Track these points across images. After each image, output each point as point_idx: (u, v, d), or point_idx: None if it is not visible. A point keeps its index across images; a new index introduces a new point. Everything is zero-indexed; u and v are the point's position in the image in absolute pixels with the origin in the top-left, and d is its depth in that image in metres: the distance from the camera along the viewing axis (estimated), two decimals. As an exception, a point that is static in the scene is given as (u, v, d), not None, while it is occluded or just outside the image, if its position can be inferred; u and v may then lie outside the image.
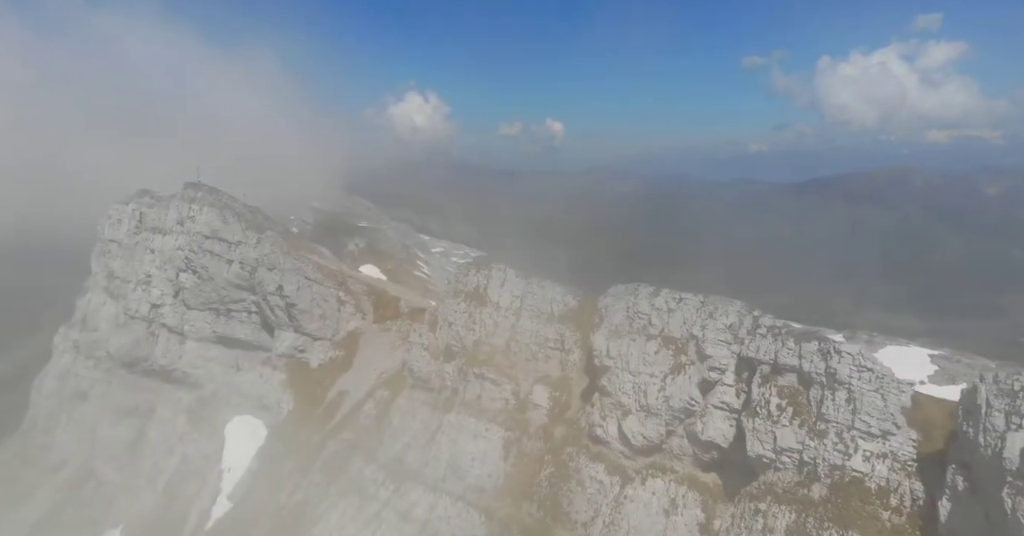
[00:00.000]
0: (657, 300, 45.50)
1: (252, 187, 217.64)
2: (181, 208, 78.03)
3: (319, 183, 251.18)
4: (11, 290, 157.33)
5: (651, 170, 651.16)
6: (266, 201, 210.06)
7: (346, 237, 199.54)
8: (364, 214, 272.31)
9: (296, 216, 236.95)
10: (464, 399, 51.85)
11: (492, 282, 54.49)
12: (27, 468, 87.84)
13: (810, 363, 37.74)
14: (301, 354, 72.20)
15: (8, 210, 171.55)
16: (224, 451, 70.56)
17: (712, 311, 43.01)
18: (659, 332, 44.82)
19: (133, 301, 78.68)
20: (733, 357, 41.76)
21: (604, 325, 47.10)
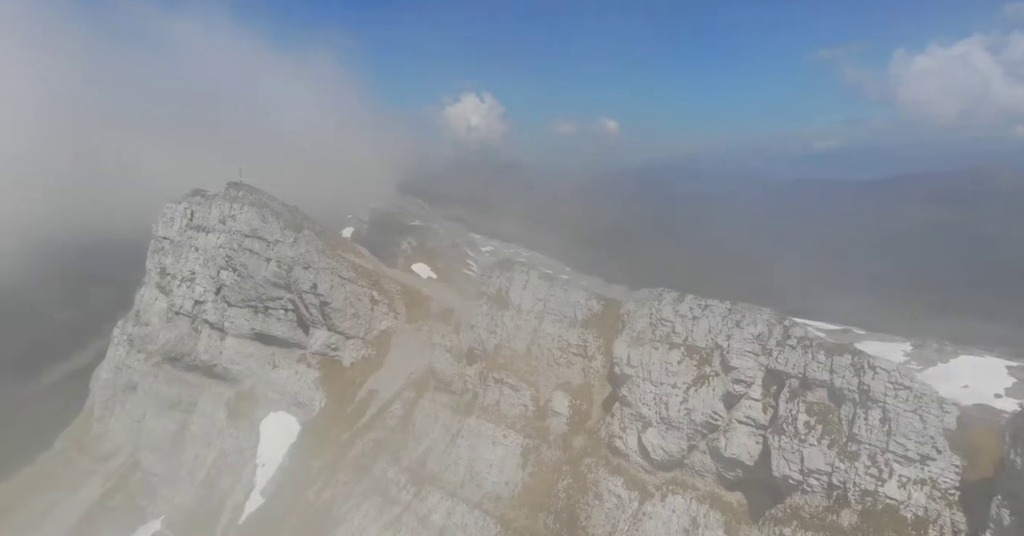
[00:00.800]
0: (681, 306, 43.04)
1: (313, 187, 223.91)
2: (223, 207, 79.83)
3: (377, 183, 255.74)
4: (95, 282, 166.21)
5: (712, 168, 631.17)
6: (326, 201, 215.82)
7: (399, 236, 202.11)
8: (418, 213, 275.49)
9: (354, 215, 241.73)
10: (483, 404, 50.60)
11: (514, 284, 53.03)
12: (82, 456, 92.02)
13: (842, 378, 34.73)
14: (334, 352, 72.58)
15: (88, 205, 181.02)
16: (259, 446, 71.65)
17: (739, 319, 40.28)
18: (683, 341, 42.37)
19: (178, 297, 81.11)
20: (760, 369, 38.96)
21: (626, 332, 44.97)
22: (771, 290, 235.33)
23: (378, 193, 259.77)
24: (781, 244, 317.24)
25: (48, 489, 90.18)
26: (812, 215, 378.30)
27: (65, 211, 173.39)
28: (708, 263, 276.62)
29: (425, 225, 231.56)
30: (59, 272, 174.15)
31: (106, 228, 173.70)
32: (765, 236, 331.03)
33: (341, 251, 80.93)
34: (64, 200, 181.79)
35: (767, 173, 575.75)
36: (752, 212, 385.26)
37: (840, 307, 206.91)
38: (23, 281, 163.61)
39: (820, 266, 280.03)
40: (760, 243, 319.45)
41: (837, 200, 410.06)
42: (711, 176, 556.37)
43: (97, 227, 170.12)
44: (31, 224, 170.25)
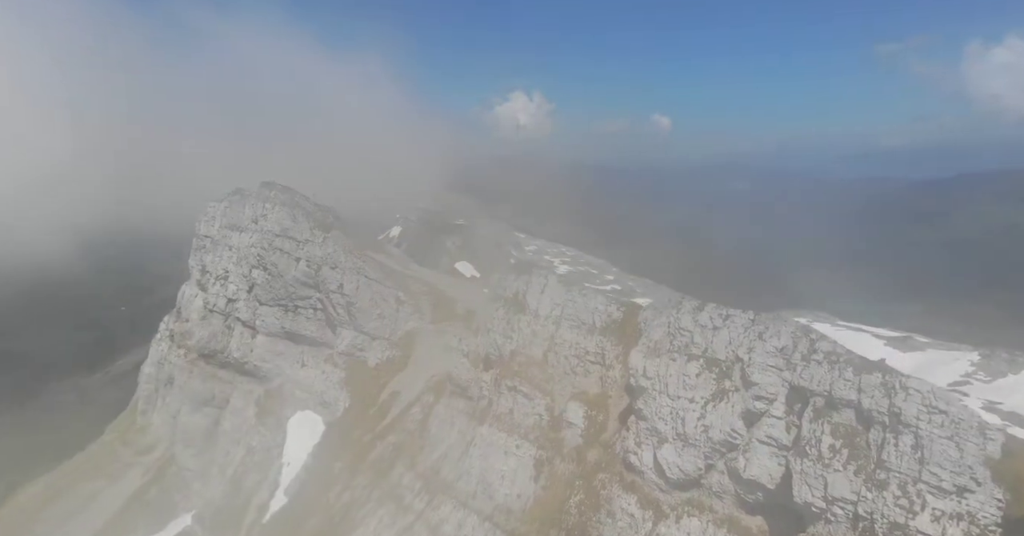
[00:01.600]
0: (701, 316, 40.47)
1: (363, 187, 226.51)
2: (256, 207, 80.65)
3: (425, 183, 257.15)
4: (158, 276, 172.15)
5: (770, 166, 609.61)
6: (376, 200, 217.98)
7: (444, 235, 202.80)
8: (463, 212, 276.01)
9: (402, 214, 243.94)
10: (496, 412, 49.08)
11: (532, 288, 51.26)
12: (125, 447, 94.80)
13: (871, 399, 31.71)
14: (360, 353, 72.34)
15: (143, 203, 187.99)
16: (285, 445, 72.06)
17: (762, 331, 37.50)
18: (702, 352, 39.82)
19: (212, 295, 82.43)
20: (783, 385, 36.12)
21: (642, 341, 42.67)
22: (827, 292, 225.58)
23: (426, 192, 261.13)
24: (840, 245, 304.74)
25: (93, 478, 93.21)
26: (874, 214, 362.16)
27: (121, 209, 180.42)
28: (760, 264, 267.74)
29: (469, 224, 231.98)
30: (120, 268, 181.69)
31: (162, 225, 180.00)
32: (823, 236, 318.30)
33: (371, 251, 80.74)
34: (119, 198, 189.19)
35: (828, 171, 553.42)
36: (810, 212, 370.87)
37: (902, 312, 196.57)
38: (83, 275, 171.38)
39: (882, 268, 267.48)
40: (817, 244, 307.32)
41: (902, 199, 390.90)
42: (767, 174, 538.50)
43: (153, 224, 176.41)
44: (87, 221, 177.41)
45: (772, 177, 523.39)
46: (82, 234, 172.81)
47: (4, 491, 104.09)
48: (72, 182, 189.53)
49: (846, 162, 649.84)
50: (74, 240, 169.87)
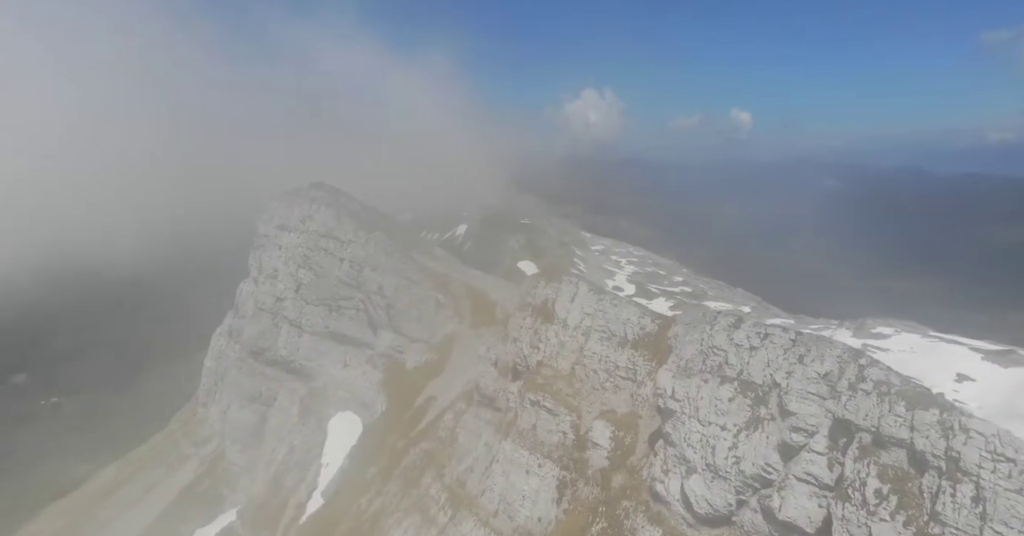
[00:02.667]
0: (737, 334, 36.42)
1: (431, 186, 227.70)
2: (304, 207, 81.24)
3: (491, 181, 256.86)
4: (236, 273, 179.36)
5: (862, 162, 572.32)
6: (443, 199, 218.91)
7: (507, 233, 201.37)
8: (529, 211, 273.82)
9: (468, 213, 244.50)
10: (520, 427, 46.44)
11: (561, 296, 48.25)
12: (184, 439, 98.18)
13: (925, 439, 27.14)
14: (399, 355, 71.43)
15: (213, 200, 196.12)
16: (326, 445, 72.09)
17: (803, 354, 33.20)
18: (736, 374, 35.82)
19: (261, 293, 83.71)
20: (826, 417, 31.77)
21: (672, 359, 38.99)
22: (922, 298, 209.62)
23: (492, 191, 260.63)
24: (940, 247, 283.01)
25: (153, 466, 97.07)
26: (978, 214, 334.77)
27: (194, 207, 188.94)
28: (847, 267, 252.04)
29: (534, 223, 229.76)
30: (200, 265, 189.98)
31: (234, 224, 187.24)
32: (920, 237, 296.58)
33: (415, 252, 79.72)
34: (193, 197, 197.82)
35: (927, 169, 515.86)
36: (906, 211, 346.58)
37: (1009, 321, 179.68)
38: (164, 271, 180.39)
39: (985, 273, 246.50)
40: (913, 245, 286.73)
41: (1009, 197, 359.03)
42: (859, 171, 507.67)
43: (229, 222, 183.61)
44: (162, 218, 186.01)
45: (864, 174, 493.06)
46: (159, 231, 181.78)
47: (85, 474, 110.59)
48: (149, 181, 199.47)
49: (947, 158, 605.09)
50: (153, 238, 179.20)
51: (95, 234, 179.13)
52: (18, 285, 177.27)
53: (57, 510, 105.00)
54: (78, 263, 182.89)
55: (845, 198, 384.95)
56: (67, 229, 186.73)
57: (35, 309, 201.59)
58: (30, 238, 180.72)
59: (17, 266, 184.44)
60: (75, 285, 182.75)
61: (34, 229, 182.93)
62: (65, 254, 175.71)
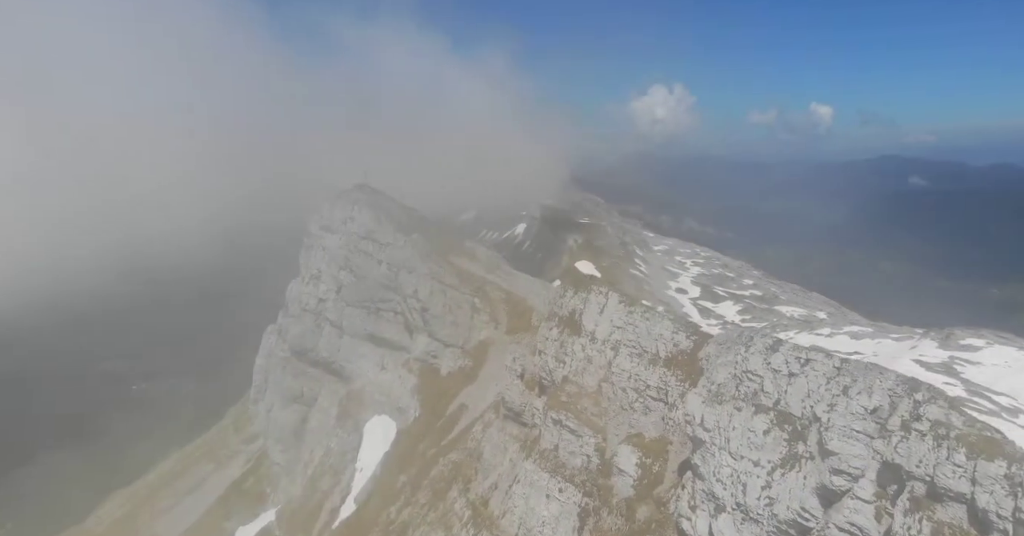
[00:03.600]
0: (775, 357, 32.47)
1: (492, 185, 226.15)
2: (345, 208, 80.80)
3: (552, 180, 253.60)
4: None
5: (952, 159, 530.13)
6: (503, 198, 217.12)
7: (566, 232, 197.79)
8: (590, 210, 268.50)
9: (527, 212, 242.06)
10: (541, 447, 43.67)
11: (589, 307, 45.07)
12: (235, 435, 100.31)
13: (989, 495, 22.91)
14: (434, 360, 69.86)
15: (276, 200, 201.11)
16: (360, 450, 71.31)
17: (848, 384, 29.07)
18: (773, 404, 31.94)
19: (305, 294, 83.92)
20: (873, 459, 27.63)
21: (703, 383, 35.36)
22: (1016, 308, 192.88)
23: (552, 190, 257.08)
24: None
25: (206, 461, 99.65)
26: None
27: (258, 205, 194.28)
28: (935, 272, 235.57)
29: (594, 222, 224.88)
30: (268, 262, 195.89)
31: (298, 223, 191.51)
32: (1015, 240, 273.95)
33: (454, 255, 77.88)
34: (257, 197, 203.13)
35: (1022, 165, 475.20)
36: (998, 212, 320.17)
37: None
38: (222, 268, 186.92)
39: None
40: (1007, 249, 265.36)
41: None
42: (949, 169, 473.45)
43: (288, 220, 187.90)
44: (226, 217, 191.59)
45: (954, 172, 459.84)
46: (222, 231, 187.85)
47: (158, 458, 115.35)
48: (211, 179, 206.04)
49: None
50: (219, 237, 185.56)
51: (165, 232, 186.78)
52: (103, 278, 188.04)
53: (124, 496, 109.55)
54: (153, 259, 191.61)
55: (933, 197, 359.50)
56: (137, 227, 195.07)
57: (119, 301, 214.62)
58: (107, 236, 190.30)
59: (99, 261, 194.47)
60: (153, 279, 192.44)
61: (108, 228, 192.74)
62: (137, 251, 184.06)
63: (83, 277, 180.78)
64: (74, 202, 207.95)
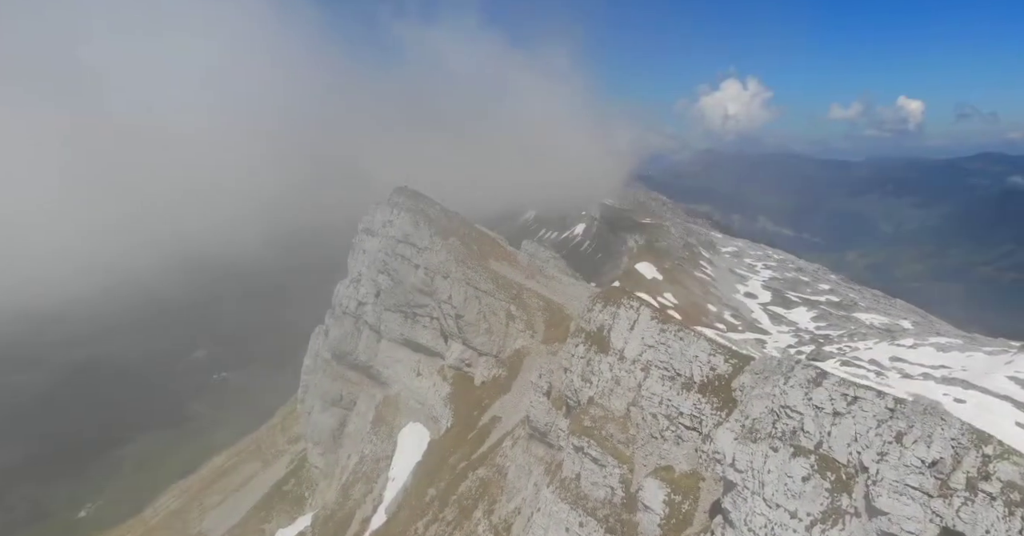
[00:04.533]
0: (818, 392, 28.31)
1: (551, 185, 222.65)
2: (385, 212, 79.44)
3: (614, 178, 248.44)
4: None
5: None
6: (562, 197, 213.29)
7: (627, 233, 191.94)
8: (654, 209, 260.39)
9: (587, 212, 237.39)
10: (563, 476, 40.48)
11: (618, 323, 41.54)
12: (282, 434, 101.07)
13: (1079, 591, 18.38)
14: (468, 368, 67.54)
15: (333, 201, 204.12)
16: (394, 458, 69.86)
17: (903, 430, 24.81)
18: (814, 446, 27.83)
19: (344, 297, 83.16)
20: (931, 523, 23.38)
21: (736, 416, 31.42)
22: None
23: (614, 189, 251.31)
24: None
25: (253, 459, 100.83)
26: None
27: (321, 206, 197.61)
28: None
29: (656, 222, 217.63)
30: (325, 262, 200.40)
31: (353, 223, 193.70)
32: None
33: (493, 259, 75.28)
34: (317, 195, 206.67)
35: None
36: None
37: None
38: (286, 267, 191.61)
39: None
40: None
41: None
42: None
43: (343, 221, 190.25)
44: (286, 217, 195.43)
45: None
46: (286, 230, 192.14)
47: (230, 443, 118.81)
48: (272, 181, 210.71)
49: None
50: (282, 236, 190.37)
51: (223, 230, 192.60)
52: (190, 273, 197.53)
53: (180, 489, 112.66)
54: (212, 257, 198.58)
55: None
56: (191, 224, 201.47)
57: (206, 295, 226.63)
58: (161, 234, 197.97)
59: (159, 258, 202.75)
60: (233, 275, 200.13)
61: (163, 227, 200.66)
62: (193, 248, 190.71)
63: (144, 273, 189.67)
64: (129, 201, 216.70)
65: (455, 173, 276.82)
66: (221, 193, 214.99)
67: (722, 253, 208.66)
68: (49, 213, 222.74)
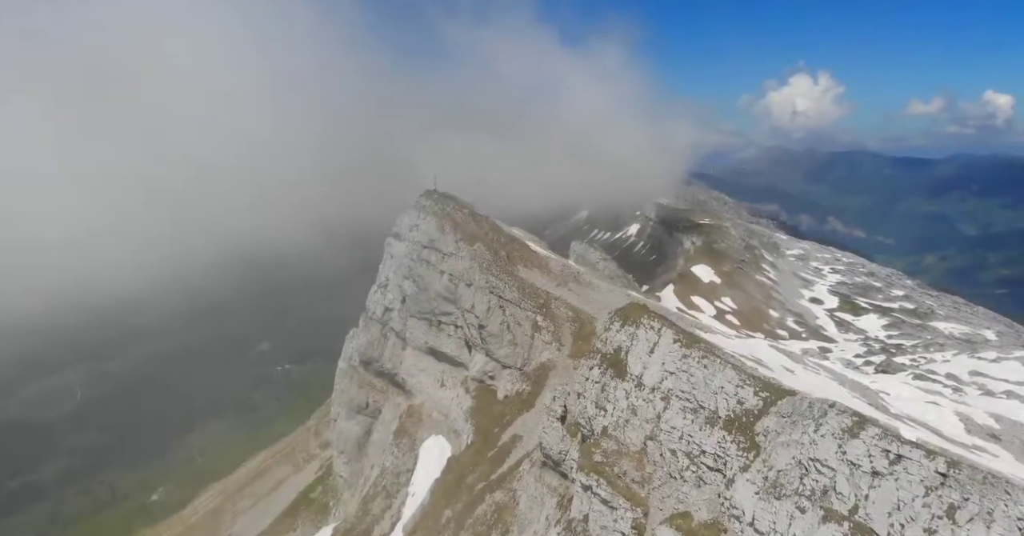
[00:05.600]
0: (854, 446, 23.81)
1: (604, 184, 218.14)
2: (412, 215, 76.94)
3: (671, 178, 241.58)
4: None
5: None
6: (617, 196, 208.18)
7: (683, 234, 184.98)
8: (714, 209, 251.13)
9: (641, 212, 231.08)
10: (571, 515, 36.75)
11: (637, 345, 37.45)
12: (314, 438, 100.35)
13: None
14: (491, 381, 64.32)
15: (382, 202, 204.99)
16: (415, 472, 67.29)
17: (957, 502, 20.22)
18: (848, 511, 23.39)
19: (371, 302, 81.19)
20: (995, 626, 18.62)
21: (757, 467, 27.07)
22: None
23: (670, 188, 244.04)
24: None
25: (286, 462, 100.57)
26: None
27: (377, 205, 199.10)
28: None
29: (716, 223, 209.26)
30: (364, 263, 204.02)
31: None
32: None
33: (523, 266, 71.75)
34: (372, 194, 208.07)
35: None
36: None
37: None
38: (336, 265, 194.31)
39: None
40: None
41: None
42: None
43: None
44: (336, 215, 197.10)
45: None
46: (345, 229, 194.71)
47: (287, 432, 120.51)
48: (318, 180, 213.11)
49: None
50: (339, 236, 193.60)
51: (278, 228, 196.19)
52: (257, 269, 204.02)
53: (217, 490, 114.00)
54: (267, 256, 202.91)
55: None
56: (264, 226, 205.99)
57: (272, 289, 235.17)
58: (222, 232, 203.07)
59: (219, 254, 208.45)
60: (294, 271, 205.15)
61: (224, 225, 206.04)
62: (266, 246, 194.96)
63: (205, 267, 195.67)
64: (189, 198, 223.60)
65: (505, 173, 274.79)
66: (277, 191, 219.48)
67: (786, 256, 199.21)
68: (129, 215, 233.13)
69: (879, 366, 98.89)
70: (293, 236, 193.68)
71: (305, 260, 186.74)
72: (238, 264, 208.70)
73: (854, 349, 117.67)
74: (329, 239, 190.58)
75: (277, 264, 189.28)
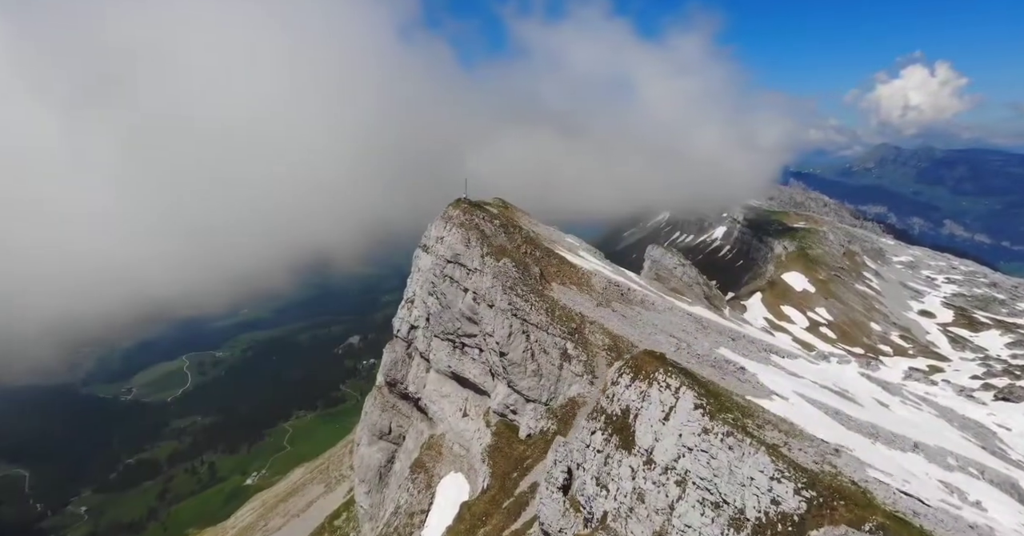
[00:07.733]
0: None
1: (688, 184, 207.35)
2: (439, 226, 70.26)
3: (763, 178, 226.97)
4: None
5: None
6: (698, 198, 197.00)
7: (773, 238, 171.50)
8: (810, 211, 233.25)
9: (727, 214, 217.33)
10: (556, 625, 28.49)
11: (648, 409, 28.86)
12: (348, 457, 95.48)
13: None
14: (512, 415, 56.60)
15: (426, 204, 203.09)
16: (430, 514, 60.35)
17: None
18: None
19: (397, 319, 75.17)
20: None
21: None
22: None
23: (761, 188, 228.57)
24: None
25: (320, 480, 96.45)
26: None
27: (409, 208, 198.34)
28: None
29: (811, 226, 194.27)
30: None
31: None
32: None
33: (558, 283, 63.60)
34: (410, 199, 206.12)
35: None
36: None
37: None
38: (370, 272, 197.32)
39: None
40: None
41: None
42: None
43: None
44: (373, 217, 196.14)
45: None
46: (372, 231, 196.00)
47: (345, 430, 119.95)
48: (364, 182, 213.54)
49: None
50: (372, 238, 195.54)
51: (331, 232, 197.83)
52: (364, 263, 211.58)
53: (256, 503, 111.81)
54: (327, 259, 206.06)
55: None
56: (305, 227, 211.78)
57: (367, 285, 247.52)
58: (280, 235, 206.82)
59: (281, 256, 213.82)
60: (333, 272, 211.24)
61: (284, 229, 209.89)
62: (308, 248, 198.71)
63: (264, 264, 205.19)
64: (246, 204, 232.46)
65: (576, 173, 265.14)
66: (341, 192, 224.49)
67: (893, 263, 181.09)
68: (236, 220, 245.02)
69: (1000, 392, 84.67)
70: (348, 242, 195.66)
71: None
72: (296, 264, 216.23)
73: (971, 370, 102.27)
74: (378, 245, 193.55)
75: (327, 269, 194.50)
